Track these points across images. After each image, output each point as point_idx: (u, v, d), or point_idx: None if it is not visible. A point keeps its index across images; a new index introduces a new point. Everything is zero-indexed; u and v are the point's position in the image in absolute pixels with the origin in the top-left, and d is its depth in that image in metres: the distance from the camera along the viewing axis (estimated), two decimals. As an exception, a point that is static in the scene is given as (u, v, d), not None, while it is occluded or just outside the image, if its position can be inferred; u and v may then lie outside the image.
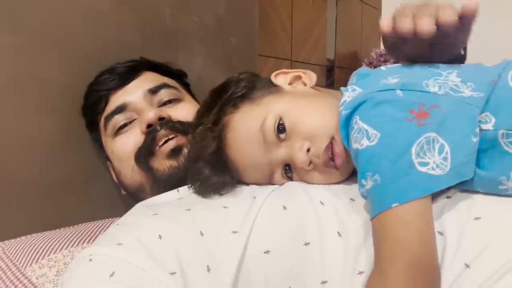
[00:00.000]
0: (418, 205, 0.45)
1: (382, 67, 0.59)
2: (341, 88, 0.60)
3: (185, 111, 0.77)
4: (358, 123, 0.51)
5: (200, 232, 0.53)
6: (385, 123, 0.49)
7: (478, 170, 0.49)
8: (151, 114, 0.72)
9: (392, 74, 0.54)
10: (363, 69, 0.61)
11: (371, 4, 2.38)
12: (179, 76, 0.88)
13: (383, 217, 0.46)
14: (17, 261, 0.66)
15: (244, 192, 0.60)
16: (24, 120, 0.77)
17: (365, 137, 0.49)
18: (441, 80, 0.52)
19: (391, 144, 0.47)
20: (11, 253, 0.67)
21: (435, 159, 0.46)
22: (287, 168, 0.61)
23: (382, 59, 2.16)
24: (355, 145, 0.50)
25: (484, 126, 0.48)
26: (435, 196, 0.49)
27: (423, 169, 0.46)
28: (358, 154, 0.50)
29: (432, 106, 0.49)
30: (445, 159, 0.46)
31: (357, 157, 0.50)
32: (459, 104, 0.49)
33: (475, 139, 0.47)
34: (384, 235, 0.46)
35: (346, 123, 0.53)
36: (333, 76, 2.07)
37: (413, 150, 0.46)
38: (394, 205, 0.45)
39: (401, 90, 0.51)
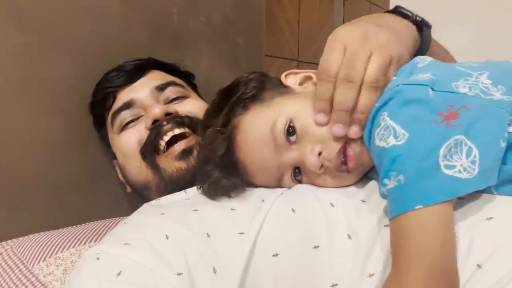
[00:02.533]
0: (441, 209, 0.44)
1: (412, 62, 0.56)
2: None
3: (192, 106, 0.77)
4: (385, 119, 0.49)
5: (207, 233, 0.53)
6: (414, 123, 0.47)
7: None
8: (157, 110, 0.72)
9: (422, 71, 0.53)
10: None
11: (378, 4, 2.37)
12: (186, 77, 0.88)
13: (404, 218, 0.45)
14: (25, 259, 0.66)
15: (253, 195, 0.59)
16: (30, 120, 0.77)
17: (392, 136, 0.47)
18: (471, 81, 0.51)
19: (418, 145, 0.46)
20: (19, 251, 0.68)
21: (462, 162, 0.45)
22: (296, 171, 0.60)
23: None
24: (380, 143, 0.49)
25: (511, 129, 0.47)
26: None
27: (449, 172, 0.45)
28: (383, 152, 0.48)
29: (462, 106, 0.48)
30: (473, 162, 0.45)
31: (380, 155, 0.49)
32: (489, 107, 0.48)
33: (503, 144, 0.47)
34: (404, 237, 0.45)
35: (374, 117, 0.52)
36: (339, 77, 2.06)
37: (441, 152, 0.45)
38: (417, 206, 0.44)
39: (432, 89, 0.50)
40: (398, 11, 0.62)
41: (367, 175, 0.60)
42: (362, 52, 0.52)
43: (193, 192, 0.64)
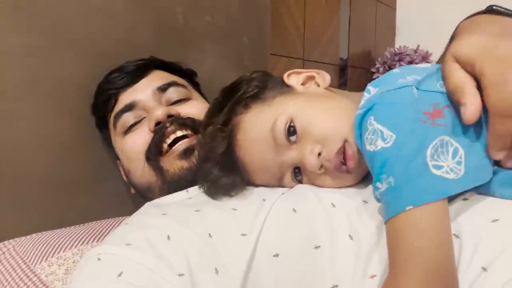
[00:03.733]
0: (433, 209, 0.44)
1: (405, 67, 0.56)
2: (368, 85, 0.57)
3: (194, 108, 0.76)
4: (372, 124, 0.49)
5: (209, 234, 0.53)
6: (400, 124, 0.47)
7: (496, 168, 0.47)
8: (159, 112, 0.72)
9: (411, 74, 0.52)
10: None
11: (385, 3, 2.35)
12: (189, 75, 0.88)
13: (398, 221, 0.45)
14: (27, 259, 0.66)
15: (254, 194, 0.59)
16: (36, 120, 0.77)
17: (380, 138, 0.47)
18: None
19: (405, 146, 0.46)
20: (21, 251, 0.68)
21: (448, 163, 0.45)
22: (296, 171, 0.59)
23: (396, 58, 2.14)
24: (370, 147, 0.49)
25: None
26: (451, 198, 0.48)
27: (437, 172, 0.44)
28: (372, 156, 0.48)
29: (446, 106, 0.47)
30: (459, 163, 0.45)
31: (371, 159, 0.49)
32: None
33: None
34: (399, 240, 0.44)
35: (360, 123, 0.52)
36: (346, 76, 2.06)
37: (428, 152, 0.45)
38: (408, 207, 0.44)
39: (417, 89, 0.49)
40: (499, 11, 0.53)
41: (368, 176, 0.59)
42: None
43: (194, 191, 0.64)
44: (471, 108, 0.44)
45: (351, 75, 2.09)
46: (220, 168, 0.59)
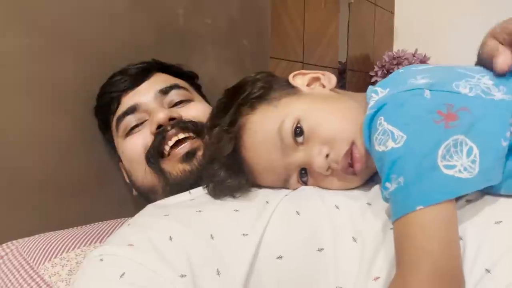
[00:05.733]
0: (443, 209, 0.44)
1: (412, 66, 0.56)
2: (370, 87, 0.57)
3: (195, 110, 0.77)
4: (382, 124, 0.49)
5: (211, 235, 0.53)
6: (411, 124, 0.47)
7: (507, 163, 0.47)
8: (161, 115, 0.72)
9: (422, 74, 0.53)
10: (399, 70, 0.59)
11: (383, 7, 2.37)
12: (190, 78, 0.88)
13: (406, 220, 0.44)
14: (30, 260, 0.66)
15: (257, 196, 0.59)
16: (38, 121, 0.77)
17: (390, 139, 0.47)
18: (473, 82, 0.50)
19: (416, 146, 0.46)
20: (25, 252, 0.68)
21: (462, 162, 0.45)
22: (302, 172, 0.60)
23: (394, 62, 2.15)
24: (379, 147, 0.49)
25: None
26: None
27: (449, 172, 0.44)
28: (382, 156, 0.48)
29: (461, 108, 0.47)
30: (473, 162, 0.45)
31: (381, 159, 0.49)
32: (489, 107, 0.48)
33: (505, 143, 0.46)
34: (407, 240, 0.44)
35: (370, 124, 0.52)
36: (345, 79, 2.06)
37: (440, 152, 0.45)
38: (418, 207, 0.44)
39: (429, 90, 0.49)
40: None
41: (372, 178, 0.60)
42: None
43: (197, 192, 0.64)
44: (504, 58, 0.49)
45: (350, 78, 2.10)
46: (226, 170, 0.59)
